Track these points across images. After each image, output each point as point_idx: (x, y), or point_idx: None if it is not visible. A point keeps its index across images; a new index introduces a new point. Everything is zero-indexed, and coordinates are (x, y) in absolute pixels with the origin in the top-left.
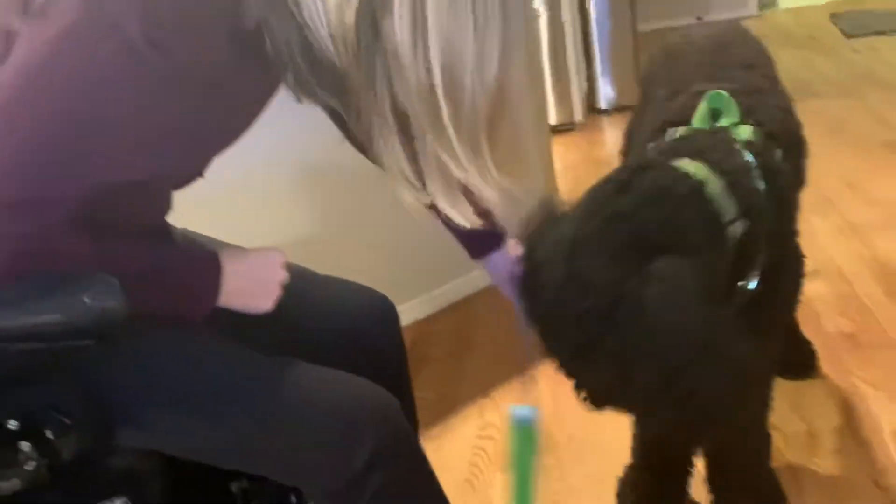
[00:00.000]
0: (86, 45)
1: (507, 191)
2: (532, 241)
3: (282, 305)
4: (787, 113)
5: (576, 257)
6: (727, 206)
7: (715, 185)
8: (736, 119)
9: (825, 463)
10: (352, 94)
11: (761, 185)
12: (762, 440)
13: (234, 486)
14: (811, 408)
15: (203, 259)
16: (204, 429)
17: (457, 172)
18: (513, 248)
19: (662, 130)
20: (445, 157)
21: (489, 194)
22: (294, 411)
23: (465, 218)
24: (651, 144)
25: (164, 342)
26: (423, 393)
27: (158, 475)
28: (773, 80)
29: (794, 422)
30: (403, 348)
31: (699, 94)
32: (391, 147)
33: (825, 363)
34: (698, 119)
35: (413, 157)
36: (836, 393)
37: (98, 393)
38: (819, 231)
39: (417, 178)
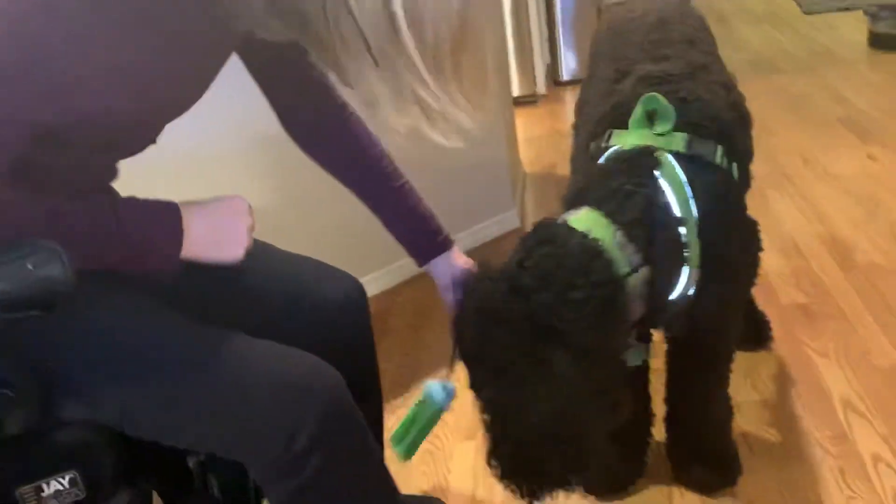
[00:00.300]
0: None
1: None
2: (465, 294)
3: (250, 285)
4: (730, 88)
5: (482, 321)
6: (622, 260)
7: (609, 241)
8: (669, 125)
9: (777, 430)
10: (311, 26)
11: (684, 208)
12: (724, 412)
13: (191, 461)
14: (764, 377)
15: (160, 207)
16: (143, 402)
17: (430, 100)
18: (457, 256)
19: (604, 129)
20: (416, 85)
21: (463, 120)
22: (236, 387)
23: (448, 138)
24: (592, 144)
25: (107, 314)
26: (384, 364)
27: (110, 449)
28: (714, 55)
29: (747, 391)
30: (371, 332)
31: (642, 81)
32: (363, 76)
33: (778, 334)
34: (634, 123)
35: (386, 83)
36: (788, 362)
37: (41, 365)
38: (776, 205)
39: (396, 102)
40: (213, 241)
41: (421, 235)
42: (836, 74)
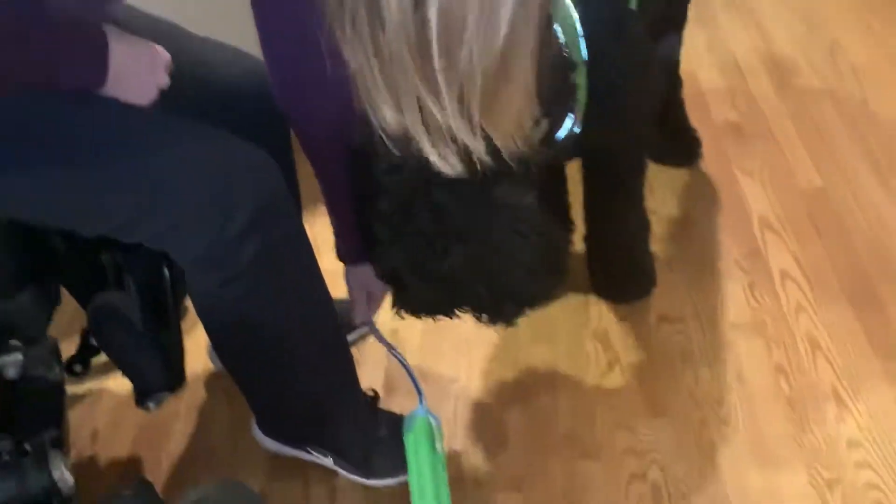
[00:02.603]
0: None
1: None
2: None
3: None
4: None
5: (430, 186)
6: None
7: None
8: None
9: (696, 245)
10: None
11: (575, 50)
12: (638, 227)
13: (105, 258)
14: (689, 194)
15: (88, 30)
16: (60, 187)
17: (439, 117)
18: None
19: None
20: (429, 102)
21: (475, 146)
22: (164, 167)
23: (448, 162)
24: None
25: (18, 96)
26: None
27: (8, 244)
28: None
29: (671, 206)
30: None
31: None
32: (366, 68)
33: (708, 152)
34: None
35: (390, 84)
36: (714, 180)
37: None
38: (721, 19)
39: (394, 103)
40: (123, 83)
41: (358, 232)
42: None
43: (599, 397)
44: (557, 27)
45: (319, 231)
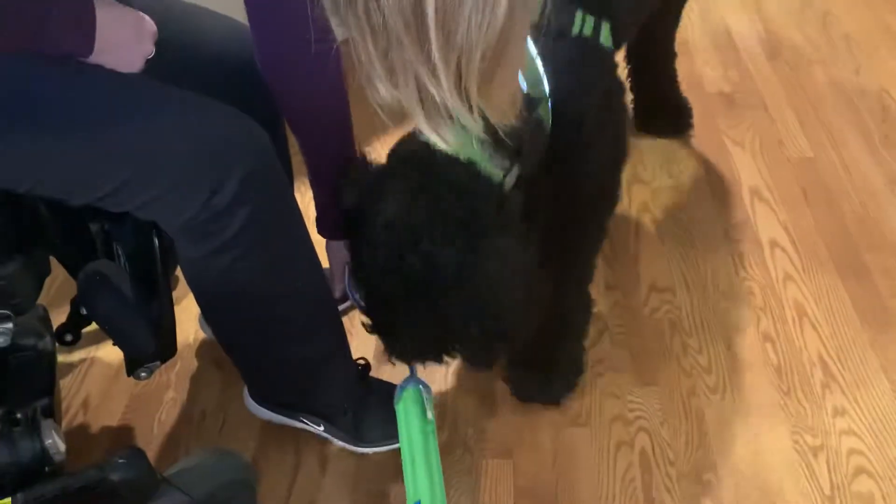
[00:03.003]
0: None
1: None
2: (361, 216)
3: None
4: None
5: (418, 241)
6: (494, 171)
7: (477, 157)
8: None
9: (686, 215)
10: None
11: (535, 88)
12: (579, 304)
13: (94, 227)
14: (680, 164)
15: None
16: (48, 156)
17: (435, 94)
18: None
19: None
20: (424, 77)
21: (470, 123)
22: (151, 136)
23: (443, 138)
24: None
25: (9, 65)
26: None
27: None
28: None
29: (661, 177)
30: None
31: None
32: (360, 43)
33: (699, 122)
34: None
35: (385, 59)
36: (704, 150)
37: None
38: (720, 1)
39: (390, 78)
40: (109, 49)
41: (336, 212)
42: None
43: (588, 365)
44: None
45: (311, 200)
